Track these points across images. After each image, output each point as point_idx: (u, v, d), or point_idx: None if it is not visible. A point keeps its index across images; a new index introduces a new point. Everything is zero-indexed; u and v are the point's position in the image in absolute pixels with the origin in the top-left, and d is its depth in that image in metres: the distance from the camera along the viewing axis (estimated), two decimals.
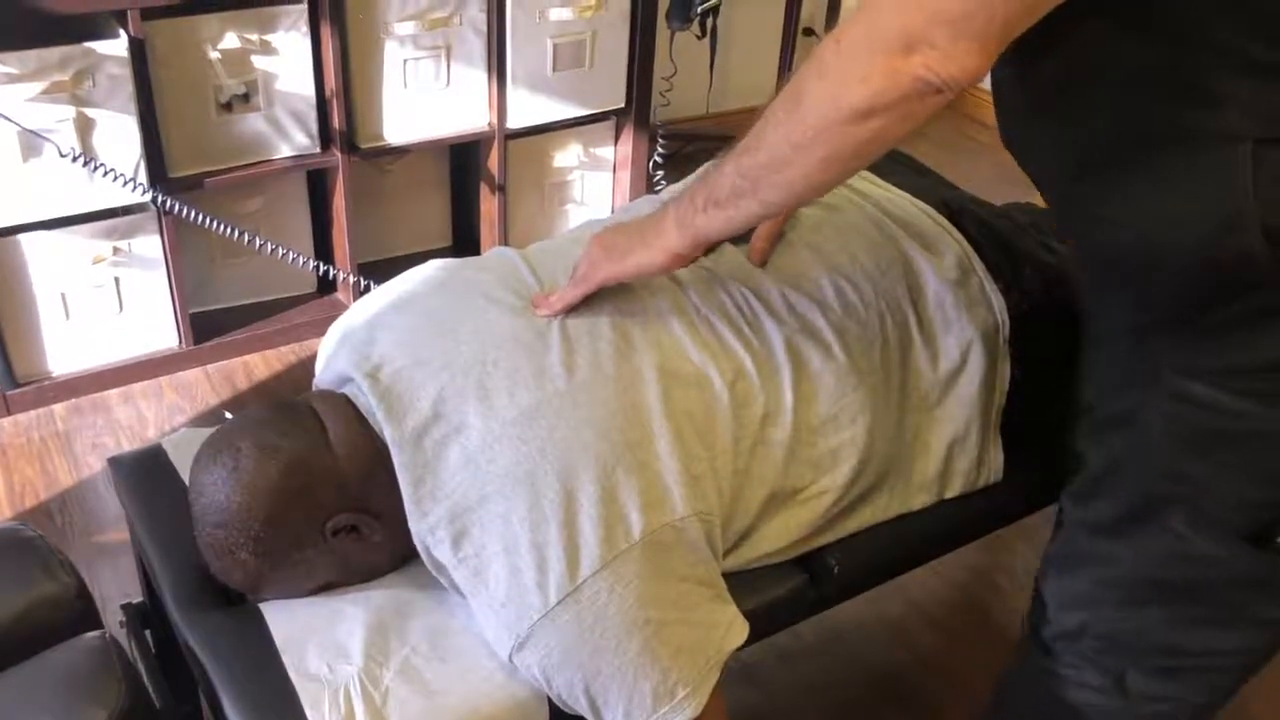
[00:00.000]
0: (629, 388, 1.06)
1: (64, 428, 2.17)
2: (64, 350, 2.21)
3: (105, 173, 1.96)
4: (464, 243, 2.67)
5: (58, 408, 2.21)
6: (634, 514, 1.00)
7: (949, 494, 1.27)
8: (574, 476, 1.00)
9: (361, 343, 1.14)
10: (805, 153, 0.88)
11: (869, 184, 1.41)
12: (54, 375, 2.22)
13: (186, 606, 1.10)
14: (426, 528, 1.03)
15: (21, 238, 2.07)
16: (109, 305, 2.21)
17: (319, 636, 1.05)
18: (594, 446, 1.02)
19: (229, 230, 1.99)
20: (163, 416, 2.21)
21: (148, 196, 2.04)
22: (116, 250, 2.16)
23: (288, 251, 2.02)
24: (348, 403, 1.11)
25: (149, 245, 2.19)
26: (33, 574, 1.09)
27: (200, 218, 1.98)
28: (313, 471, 1.05)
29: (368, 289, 2.27)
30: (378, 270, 2.46)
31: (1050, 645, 1.14)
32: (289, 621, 1.07)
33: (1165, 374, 0.96)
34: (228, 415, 1.30)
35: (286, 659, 1.03)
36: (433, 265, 1.23)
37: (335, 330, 1.24)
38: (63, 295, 2.16)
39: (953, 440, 1.26)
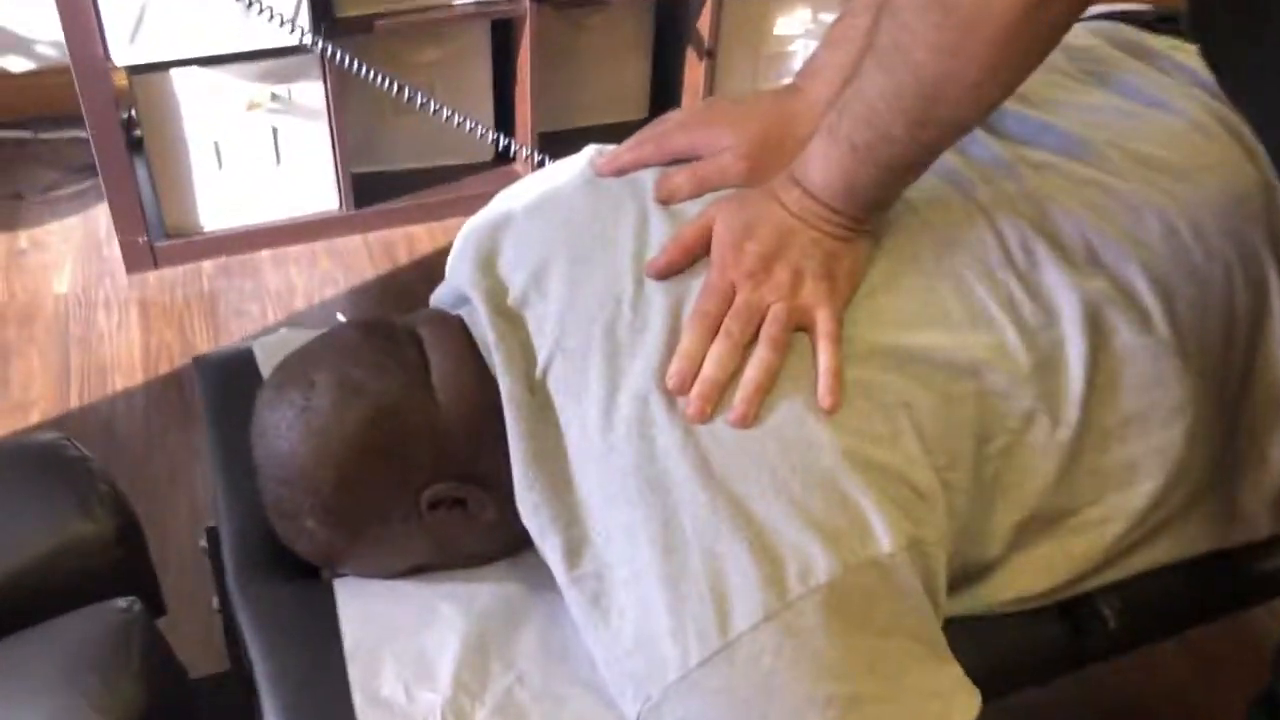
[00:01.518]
0: None
1: (210, 288, 1.98)
2: (216, 204, 2.02)
3: (261, 10, 1.71)
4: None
5: (206, 265, 2.03)
6: (815, 546, 0.69)
7: None
8: (727, 488, 0.70)
9: (485, 252, 0.85)
10: (978, 63, 0.67)
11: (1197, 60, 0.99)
12: (205, 230, 2.03)
13: (245, 571, 0.86)
14: (536, 528, 0.74)
15: (173, 74, 1.86)
16: (265, 157, 1.99)
17: (401, 642, 0.78)
18: (760, 447, 0.71)
19: (394, 85, 1.72)
20: (313, 286, 2.00)
21: (308, 39, 1.79)
22: (275, 96, 1.93)
23: (458, 115, 1.74)
24: (462, 331, 0.83)
25: (310, 93, 1.95)
26: (64, 509, 0.86)
27: (364, 70, 1.72)
28: (407, 423, 0.78)
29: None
30: (562, 142, 2.16)
31: None
32: (366, 615, 0.81)
33: None
34: (340, 317, 1.04)
35: (354, 670, 0.77)
36: (590, 151, 0.92)
37: (466, 228, 0.95)
38: (215, 143, 1.95)
39: None
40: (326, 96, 1.95)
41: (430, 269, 2.05)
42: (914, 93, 0.69)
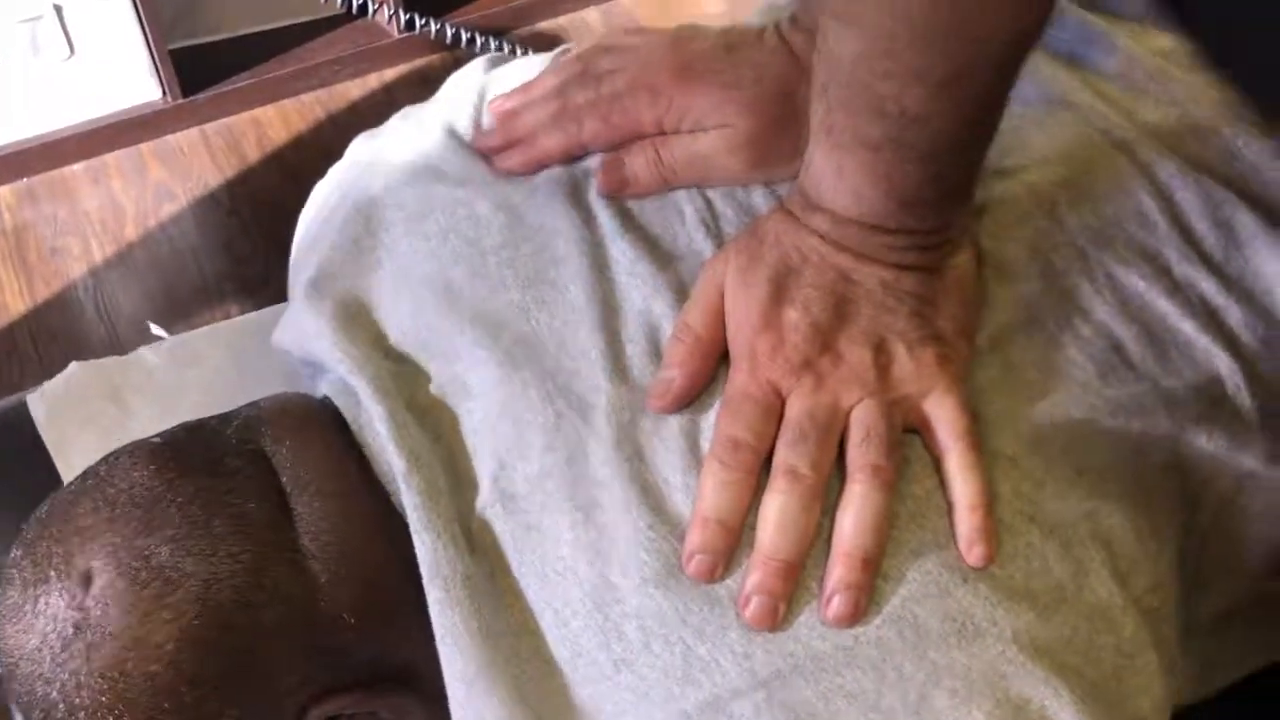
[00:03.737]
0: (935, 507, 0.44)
1: (13, 223, 1.58)
2: (2, 114, 1.59)
3: None
4: None
5: (3, 192, 1.61)
6: None
7: None
8: None
9: (346, 289, 0.52)
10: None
11: None
12: None
13: None
14: None
15: None
16: (52, 47, 1.57)
17: None
18: (876, 651, 0.41)
19: None
20: (145, 204, 1.60)
21: None
22: None
23: None
24: (338, 437, 0.50)
25: None
26: None
27: None
28: (263, 623, 0.46)
29: (441, 31, 1.55)
30: None
31: None
32: None
33: None
34: (156, 331, 0.69)
35: None
36: (476, 85, 0.59)
37: (322, 191, 0.61)
38: None
39: None
40: None
41: (290, 162, 1.67)
42: (911, 35, 0.40)
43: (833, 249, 0.46)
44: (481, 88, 0.59)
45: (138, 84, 1.64)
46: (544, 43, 1.81)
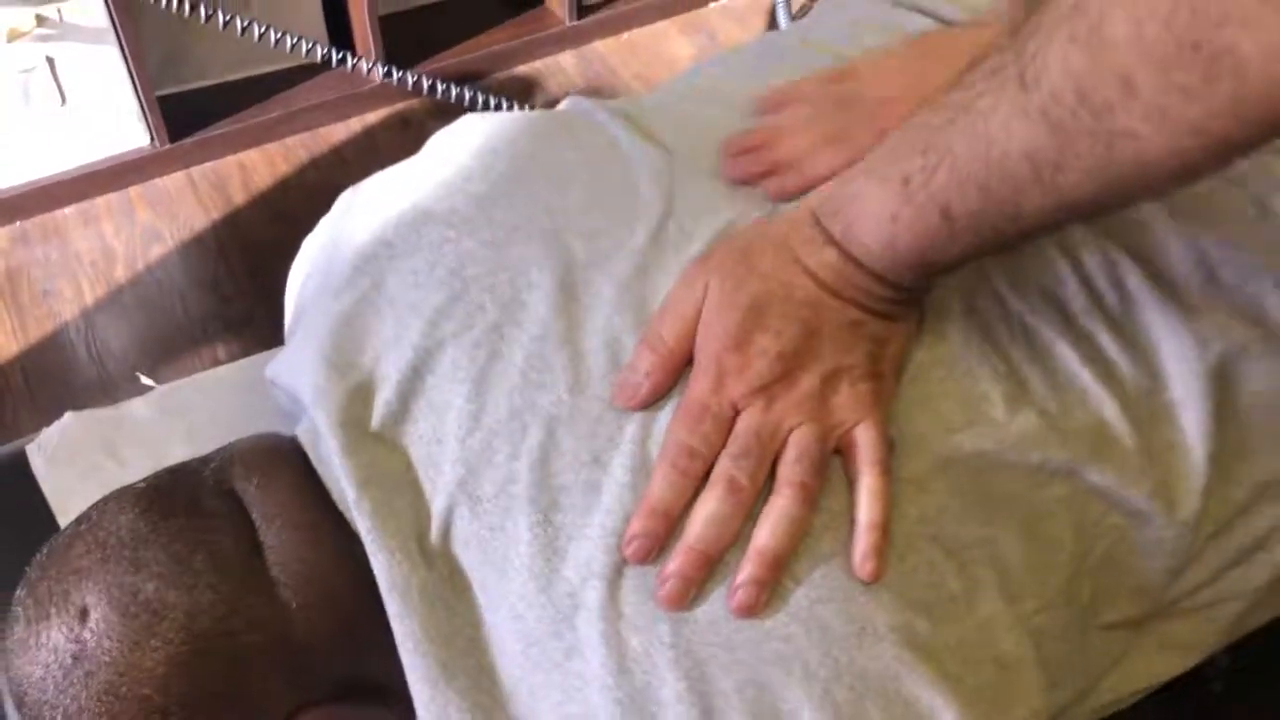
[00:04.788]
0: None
1: (7, 265, 1.63)
2: None
3: None
4: None
5: None
6: None
7: None
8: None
9: (343, 319, 0.58)
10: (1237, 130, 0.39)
11: None
12: None
13: None
14: None
15: None
16: (45, 95, 1.62)
17: None
18: (786, 646, 0.47)
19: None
20: (135, 246, 1.66)
21: None
22: (42, 20, 1.55)
23: (259, 26, 1.39)
24: (303, 474, 0.56)
25: (87, 8, 1.57)
26: None
27: None
28: (243, 647, 0.52)
29: (418, 83, 1.62)
30: (408, 24, 1.82)
31: None
32: None
33: None
34: (145, 381, 0.76)
35: None
36: (477, 139, 0.64)
37: (312, 244, 0.68)
38: None
39: None
40: (109, 9, 1.58)
41: (274, 203, 1.72)
42: (1101, 169, 0.42)
43: (816, 287, 0.51)
44: (468, 142, 0.65)
45: (127, 130, 1.70)
46: (520, 87, 1.88)
